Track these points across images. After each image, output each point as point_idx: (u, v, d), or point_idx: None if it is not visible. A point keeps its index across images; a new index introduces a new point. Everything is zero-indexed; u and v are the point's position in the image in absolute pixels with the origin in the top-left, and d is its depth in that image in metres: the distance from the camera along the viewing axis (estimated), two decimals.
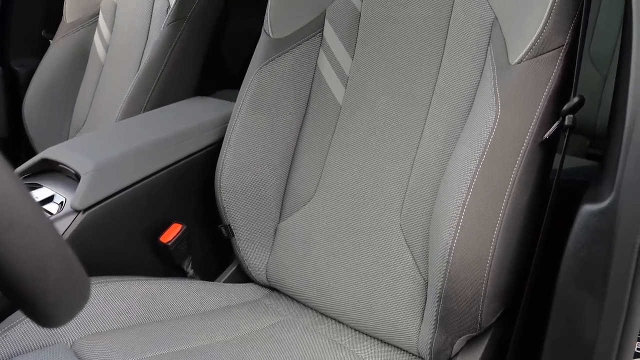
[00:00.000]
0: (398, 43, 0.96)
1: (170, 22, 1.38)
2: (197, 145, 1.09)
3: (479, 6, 0.87)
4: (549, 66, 0.77)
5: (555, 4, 0.77)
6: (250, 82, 1.04)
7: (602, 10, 1.67)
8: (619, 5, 1.61)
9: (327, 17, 1.03)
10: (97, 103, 1.59)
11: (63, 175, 1.01)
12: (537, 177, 0.80)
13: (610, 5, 1.62)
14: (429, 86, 0.92)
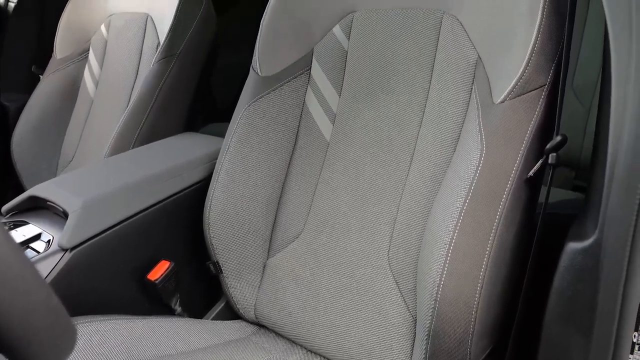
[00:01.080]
0: (384, 81, 0.98)
1: (160, 59, 1.39)
2: (186, 182, 1.09)
3: (462, 46, 0.89)
4: (532, 105, 0.79)
5: (536, 45, 0.79)
6: (239, 119, 1.05)
7: (584, 44, 1.70)
8: (601, 38, 1.65)
9: (314, 55, 1.04)
10: (86, 139, 1.59)
11: (51, 213, 1.01)
12: (523, 213, 0.81)
13: (593, 39, 1.65)
14: (415, 124, 0.93)
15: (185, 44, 1.41)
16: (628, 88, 0.62)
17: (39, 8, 1.84)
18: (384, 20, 0.98)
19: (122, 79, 1.54)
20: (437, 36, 0.92)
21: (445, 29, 0.91)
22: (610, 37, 0.65)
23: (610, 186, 0.65)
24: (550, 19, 0.80)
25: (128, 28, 1.56)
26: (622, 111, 0.63)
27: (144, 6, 1.54)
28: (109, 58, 1.60)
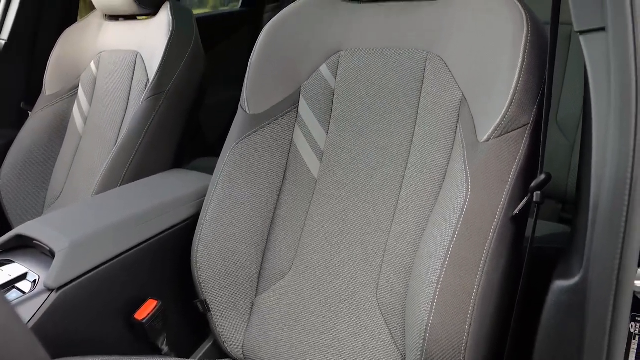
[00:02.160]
0: (371, 120, 0.99)
1: (148, 96, 1.40)
2: (174, 220, 1.08)
3: (447, 85, 0.90)
4: (516, 144, 0.80)
5: (519, 85, 0.80)
6: (227, 157, 1.05)
7: (567, 78, 1.74)
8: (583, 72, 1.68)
9: (302, 94, 1.06)
10: (74, 175, 1.59)
11: (38, 252, 1.00)
12: (509, 251, 0.82)
13: (575, 73, 1.68)
14: (401, 162, 0.94)
15: (174, 82, 1.42)
16: (608, 133, 0.63)
17: (29, 45, 1.85)
18: (369, 59, 1.00)
19: (111, 115, 1.54)
20: (422, 75, 0.94)
21: (429, 69, 0.93)
22: (590, 83, 0.67)
23: (594, 225, 0.66)
24: (532, 59, 0.82)
25: (118, 65, 1.57)
26: (603, 153, 0.65)
27: (133, 44, 1.56)
28: (98, 95, 1.61)
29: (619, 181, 0.62)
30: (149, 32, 1.52)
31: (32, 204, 1.64)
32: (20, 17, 1.78)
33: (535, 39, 0.83)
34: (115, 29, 1.64)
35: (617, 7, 0.65)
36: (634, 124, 0.61)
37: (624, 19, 0.64)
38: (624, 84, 0.63)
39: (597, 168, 0.67)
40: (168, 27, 1.44)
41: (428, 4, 0.97)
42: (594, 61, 0.68)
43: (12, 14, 1.80)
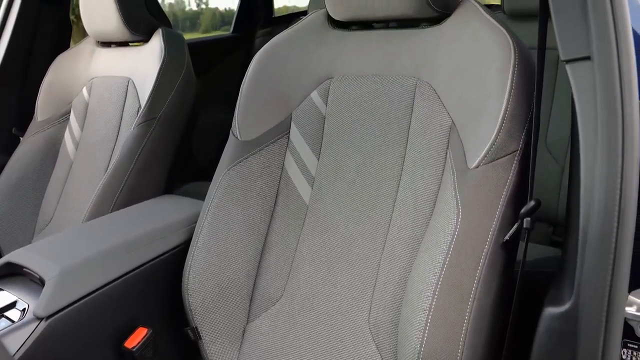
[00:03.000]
0: (361, 146, 1.00)
1: (140, 122, 1.41)
2: (165, 247, 1.08)
3: (436, 112, 0.91)
4: (505, 170, 0.81)
5: (507, 112, 0.81)
6: (219, 183, 1.05)
7: (555, 102, 1.76)
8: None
9: (293, 120, 1.06)
10: (65, 201, 1.58)
11: (27, 280, 0.99)
12: (500, 276, 0.82)
13: (564, 97, 1.70)
14: (392, 188, 0.95)
15: (166, 108, 1.43)
16: (596, 160, 0.64)
17: (21, 70, 1.86)
18: (360, 86, 1.01)
19: (103, 141, 1.55)
20: (411, 102, 0.95)
21: (419, 95, 0.94)
22: (577, 111, 0.68)
23: (584, 250, 0.66)
24: (519, 86, 0.83)
25: (110, 91, 1.57)
26: (591, 179, 0.65)
27: (125, 70, 1.56)
28: (89, 120, 1.61)
29: (608, 208, 0.63)
30: (141, 58, 1.53)
31: (23, 229, 1.63)
32: (13, 43, 1.79)
33: (523, 67, 0.84)
34: (107, 55, 1.65)
35: (601, 37, 0.66)
36: (620, 152, 0.62)
37: (608, 48, 0.66)
38: (610, 112, 0.64)
39: (586, 193, 0.68)
40: (160, 53, 1.45)
41: (416, 31, 0.99)
42: (580, 89, 0.69)
43: (5, 40, 1.81)
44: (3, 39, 1.81)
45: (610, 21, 0.67)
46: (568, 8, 0.71)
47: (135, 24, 1.52)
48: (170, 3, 12.52)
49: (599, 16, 0.67)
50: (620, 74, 0.64)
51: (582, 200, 0.68)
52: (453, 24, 0.94)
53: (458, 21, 0.94)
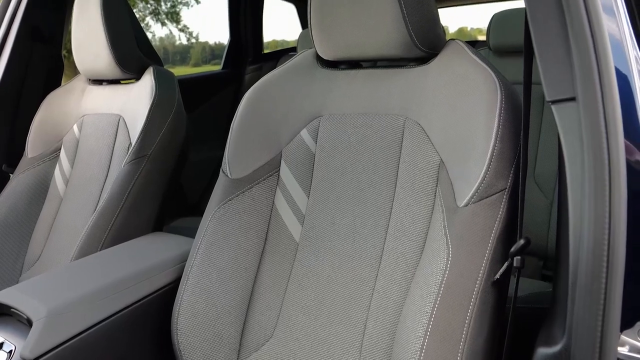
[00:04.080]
0: (351, 184, 1.00)
1: (131, 160, 1.41)
2: (154, 286, 1.07)
3: (425, 150, 0.92)
4: (494, 209, 0.82)
5: (495, 150, 0.82)
6: (209, 221, 1.05)
7: (542, 136, 1.78)
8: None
9: (283, 158, 1.07)
10: (53, 239, 1.57)
11: (15, 320, 0.98)
12: (492, 315, 0.82)
13: (551, 131, 1.73)
14: (382, 226, 0.95)
15: (157, 146, 1.43)
16: (584, 200, 0.65)
17: (12, 108, 1.86)
18: (349, 124, 1.02)
19: (93, 178, 1.54)
20: (400, 140, 0.96)
21: (407, 134, 0.95)
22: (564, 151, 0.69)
23: (575, 290, 0.67)
24: (506, 125, 0.84)
25: (100, 129, 1.58)
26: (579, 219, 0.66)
27: (116, 108, 1.57)
28: (80, 158, 1.61)
29: (597, 249, 0.63)
30: (132, 96, 1.54)
31: (11, 267, 1.61)
32: (4, 81, 1.80)
33: (509, 106, 0.85)
34: (98, 92, 1.66)
35: (585, 78, 0.68)
36: (607, 193, 0.62)
37: (592, 89, 0.67)
38: (596, 153, 0.65)
39: (575, 233, 0.68)
40: (151, 91, 1.46)
41: (404, 70, 1.00)
42: (566, 130, 0.70)
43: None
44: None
45: (594, 62, 0.68)
46: (551, 49, 0.73)
47: (126, 63, 1.54)
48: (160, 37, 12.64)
49: (582, 57, 0.69)
50: (605, 115, 0.66)
51: (571, 240, 0.69)
52: (440, 64, 0.96)
53: (444, 61, 0.96)
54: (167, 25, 12.29)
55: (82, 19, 1.55)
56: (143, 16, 11.42)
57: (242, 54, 2.90)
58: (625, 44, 0.76)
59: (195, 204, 2.53)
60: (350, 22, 0.97)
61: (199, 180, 2.50)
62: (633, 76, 0.75)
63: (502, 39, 1.88)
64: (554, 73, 0.72)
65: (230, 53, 2.89)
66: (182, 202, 2.44)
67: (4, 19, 1.83)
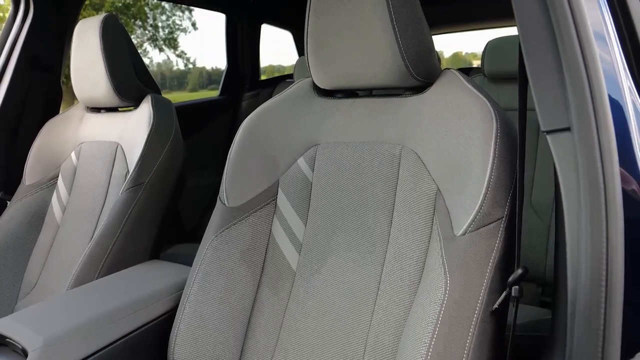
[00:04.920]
0: (348, 213, 1.00)
1: (128, 187, 1.41)
2: (150, 315, 1.06)
3: (422, 178, 0.93)
4: (492, 238, 0.82)
5: (491, 180, 0.83)
6: (206, 250, 1.05)
7: (539, 161, 1.79)
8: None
9: (280, 186, 1.07)
10: (50, 267, 1.56)
11: (10, 350, 0.97)
12: (491, 344, 0.81)
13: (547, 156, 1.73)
14: (380, 255, 0.95)
15: (154, 173, 1.43)
16: (581, 230, 0.65)
17: (10, 135, 1.87)
18: (346, 153, 1.03)
19: (90, 206, 1.54)
20: (397, 169, 0.97)
21: (404, 162, 0.96)
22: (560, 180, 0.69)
23: (573, 322, 0.66)
24: (502, 154, 0.84)
25: (98, 156, 1.58)
26: (577, 248, 0.66)
27: (114, 135, 1.58)
28: (77, 185, 1.61)
29: (595, 279, 0.63)
30: (130, 124, 1.55)
31: (7, 295, 1.59)
32: (4, 108, 1.81)
33: (505, 135, 0.86)
34: (96, 120, 1.67)
35: (580, 109, 0.68)
36: (604, 225, 0.63)
37: (587, 119, 0.68)
38: (592, 184, 0.65)
39: (572, 262, 0.68)
40: (149, 119, 1.47)
41: (400, 99, 1.01)
42: (561, 159, 0.70)
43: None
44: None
45: (588, 93, 0.69)
46: (545, 79, 0.73)
47: (125, 91, 1.55)
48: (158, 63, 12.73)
49: (576, 88, 0.69)
50: (600, 145, 0.66)
51: (569, 271, 0.69)
52: (435, 93, 0.97)
53: (440, 90, 0.97)
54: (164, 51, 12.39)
55: (81, 48, 1.57)
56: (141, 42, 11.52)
57: (239, 81, 2.93)
58: (618, 73, 0.77)
59: (192, 230, 2.52)
60: (347, 52, 0.98)
61: (197, 206, 2.50)
62: (627, 105, 0.76)
63: (497, 66, 1.90)
64: (548, 103, 0.73)
65: (227, 80, 2.91)
66: (180, 228, 2.43)
67: (4, 47, 1.85)
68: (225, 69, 2.93)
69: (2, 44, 1.87)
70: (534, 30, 0.75)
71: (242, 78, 2.94)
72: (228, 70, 2.91)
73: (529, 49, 0.75)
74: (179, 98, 11.52)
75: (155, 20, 11.84)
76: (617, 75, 0.76)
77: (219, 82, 2.98)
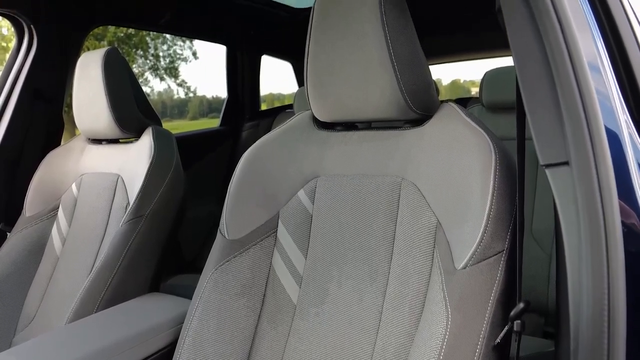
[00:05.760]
0: (349, 246, 1.00)
1: (128, 219, 1.41)
2: (150, 349, 1.06)
3: (422, 211, 0.93)
4: (493, 271, 0.81)
5: (491, 213, 0.83)
6: (206, 283, 1.04)
7: (538, 190, 1.79)
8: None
9: (280, 218, 1.07)
10: (49, 298, 1.55)
11: None
12: None
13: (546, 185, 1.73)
14: (381, 288, 0.94)
15: (154, 205, 1.43)
16: (581, 264, 0.65)
17: (11, 167, 1.88)
18: (346, 185, 1.03)
19: (90, 238, 1.54)
20: (397, 202, 0.97)
21: (404, 195, 0.96)
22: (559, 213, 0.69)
23: (577, 356, 0.66)
24: (501, 187, 0.85)
25: (99, 188, 1.58)
26: (578, 283, 0.66)
27: (115, 167, 1.58)
28: (77, 216, 1.61)
29: (596, 315, 0.63)
30: (131, 155, 1.55)
31: (5, 327, 1.58)
32: (5, 140, 1.82)
33: (504, 167, 0.86)
34: (97, 151, 1.68)
35: (577, 143, 0.69)
36: (605, 259, 0.63)
37: (585, 153, 0.68)
38: (592, 219, 0.65)
39: (574, 297, 0.68)
40: (150, 151, 1.48)
41: (399, 132, 1.02)
42: (560, 193, 0.71)
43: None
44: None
45: (585, 126, 0.69)
46: (542, 113, 0.74)
47: (126, 123, 1.56)
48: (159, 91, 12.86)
49: (573, 121, 0.70)
50: (599, 179, 0.66)
51: (570, 306, 0.68)
52: (434, 126, 0.98)
53: (439, 123, 0.97)
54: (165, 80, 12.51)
55: (83, 81, 1.59)
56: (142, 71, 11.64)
57: (239, 112, 2.95)
58: (614, 105, 0.77)
59: (192, 261, 2.51)
60: (346, 86, 0.99)
61: (196, 236, 2.49)
62: (624, 137, 0.76)
63: (495, 96, 1.92)
64: (546, 137, 0.73)
65: (228, 110, 2.94)
66: (179, 259, 2.42)
67: (8, 79, 1.87)
68: (226, 99, 2.95)
69: (5, 77, 1.89)
70: (530, 63, 0.75)
71: (243, 108, 2.96)
72: (228, 101, 2.94)
73: (525, 82, 0.76)
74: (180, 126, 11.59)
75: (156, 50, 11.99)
76: (614, 107, 0.76)
77: (219, 110, 3.01)
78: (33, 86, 1.86)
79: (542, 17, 0.73)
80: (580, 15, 0.76)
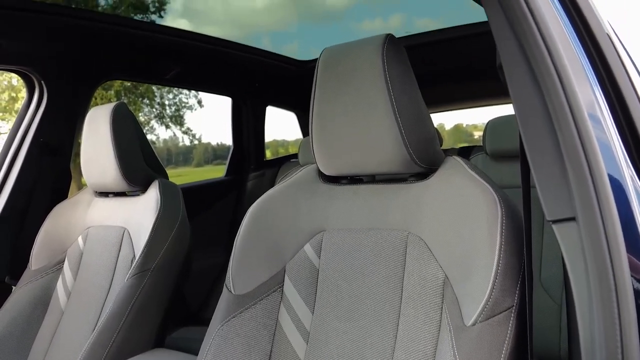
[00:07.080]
0: (356, 300, 0.99)
1: (134, 274, 1.40)
2: None
3: (429, 265, 0.92)
4: (503, 327, 0.80)
5: (499, 268, 0.82)
6: (212, 339, 1.03)
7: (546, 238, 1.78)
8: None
9: (286, 273, 1.07)
10: (52, 355, 1.53)
11: None
12: None
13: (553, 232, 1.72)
14: (389, 343, 0.93)
15: (160, 259, 1.43)
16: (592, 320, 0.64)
17: (18, 220, 1.88)
18: (352, 239, 1.03)
19: (95, 292, 1.53)
20: (404, 256, 0.96)
21: (411, 249, 0.96)
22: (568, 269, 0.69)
23: None
24: (508, 241, 0.84)
25: (104, 241, 1.59)
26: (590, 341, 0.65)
27: (121, 220, 1.59)
28: (83, 270, 1.61)
29: None
30: (137, 208, 1.56)
31: None
32: (14, 193, 1.84)
33: (510, 221, 0.86)
34: (104, 204, 1.68)
35: (583, 199, 0.69)
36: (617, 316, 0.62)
37: (591, 209, 0.68)
38: (600, 273, 0.65)
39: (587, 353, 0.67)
40: (156, 205, 1.49)
41: (404, 185, 1.02)
42: (568, 248, 0.70)
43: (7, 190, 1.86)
44: (5, 189, 1.86)
45: (590, 181, 0.69)
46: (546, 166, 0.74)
47: (133, 177, 1.57)
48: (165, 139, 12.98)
49: (577, 176, 0.70)
50: (606, 234, 0.66)
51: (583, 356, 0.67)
52: (439, 179, 0.98)
53: (444, 176, 0.98)
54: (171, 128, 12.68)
55: (92, 135, 1.61)
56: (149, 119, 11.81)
57: (244, 161, 2.98)
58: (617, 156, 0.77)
59: (198, 312, 2.49)
60: (351, 140, 1.00)
61: (202, 287, 2.48)
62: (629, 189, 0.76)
63: (498, 145, 1.93)
64: (551, 192, 0.73)
65: (233, 160, 2.96)
66: (185, 311, 2.40)
67: (17, 134, 1.90)
68: (231, 150, 2.98)
69: (15, 130, 1.92)
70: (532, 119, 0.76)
71: (248, 158, 2.99)
72: (234, 151, 2.97)
73: (528, 138, 0.76)
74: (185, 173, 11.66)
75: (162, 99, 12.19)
76: (617, 159, 0.77)
77: (224, 157, 3.03)
78: (42, 140, 1.89)
79: (542, 74, 0.74)
80: (578, 66, 0.77)
